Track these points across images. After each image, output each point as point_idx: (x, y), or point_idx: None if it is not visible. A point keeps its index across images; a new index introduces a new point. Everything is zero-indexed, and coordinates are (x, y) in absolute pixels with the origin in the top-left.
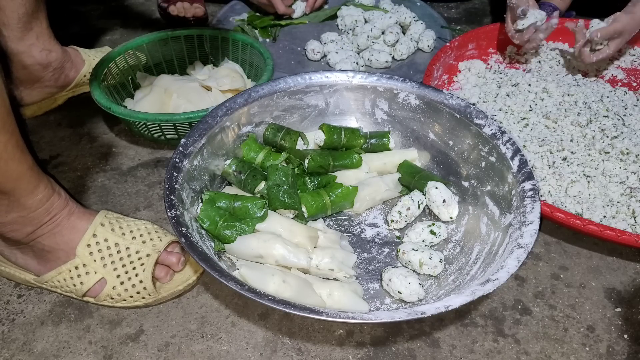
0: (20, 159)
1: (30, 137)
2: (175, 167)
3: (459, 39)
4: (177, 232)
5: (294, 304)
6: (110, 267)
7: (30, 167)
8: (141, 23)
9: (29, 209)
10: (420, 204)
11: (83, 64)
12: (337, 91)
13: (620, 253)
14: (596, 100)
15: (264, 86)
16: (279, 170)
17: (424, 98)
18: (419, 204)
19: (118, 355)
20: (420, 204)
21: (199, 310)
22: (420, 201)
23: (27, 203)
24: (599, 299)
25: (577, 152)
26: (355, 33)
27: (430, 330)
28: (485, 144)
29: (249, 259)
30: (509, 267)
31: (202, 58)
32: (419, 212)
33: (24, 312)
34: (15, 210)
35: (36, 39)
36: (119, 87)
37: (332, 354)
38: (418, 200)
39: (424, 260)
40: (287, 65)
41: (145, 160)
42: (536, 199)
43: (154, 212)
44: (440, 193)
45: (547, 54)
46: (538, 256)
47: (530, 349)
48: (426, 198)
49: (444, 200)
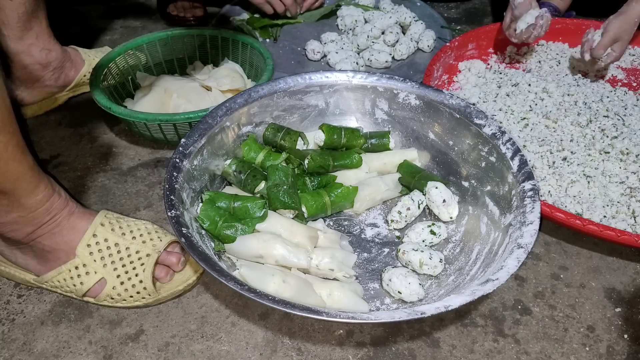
0: (20, 159)
1: (31, 136)
2: (175, 167)
3: (459, 39)
4: (177, 232)
5: (294, 304)
6: (110, 267)
7: (30, 168)
8: (141, 23)
9: (29, 209)
10: (420, 204)
11: (83, 63)
12: (337, 91)
13: (620, 253)
14: (596, 100)
15: (264, 86)
16: (279, 170)
17: (424, 98)
18: (419, 204)
19: (118, 355)
20: (420, 204)
21: (199, 310)
22: (420, 201)
23: (27, 203)
24: (599, 299)
25: (577, 152)
26: (355, 33)
27: (430, 330)
28: (485, 144)
29: (249, 259)
30: (509, 267)
31: (202, 58)
32: (419, 212)
33: (24, 312)
34: (15, 210)
35: (36, 38)
36: (119, 87)
37: (332, 354)
38: (418, 200)
39: (424, 260)
40: (287, 65)
41: (145, 160)
42: (536, 199)
43: (154, 212)
44: (440, 193)
45: (547, 54)
46: (538, 256)
47: (530, 349)
48: (426, 198)
49: (444, 200)
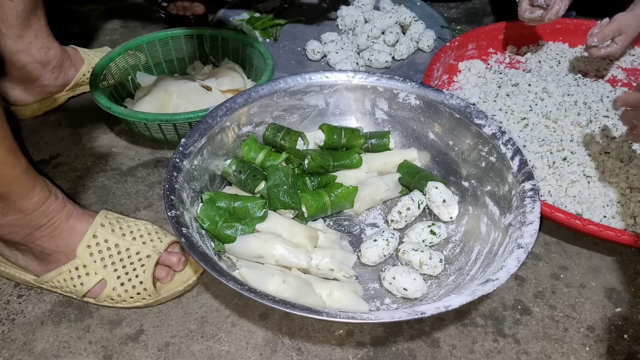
0: (13, 162)
1: (31, 137)
2: (175, 167)
3: (459, 39)
4: (177, 232)
5: (294, 304)
6: (110, 268)
7: (24, 171)
8: (141, 23)
9: (25, 212)
10: (420, 204)
11: (82, 62)
12: (337, 91)
13: (620, 253)
14: (596, 100)
15: (264, 86)
16: (279, 170)
17: (424, 98)
18: (419, 204)
19: (118, 355)
20: (420, 204)
21: (199, 310)
22: (420, 201)
23: (23, 206)
24: (599, 299)
25: (577, 152)
26: (355, 33)
27: (430, 330)
28: (485, 144)
29: (249, 259)
30: (509, 267)
31: (202, 58)
32: (419, 212)
33: (24, 312)
34: (11, 213)
35: (35, 36)
36: (119, 87)
37: (332, 354)
38: (418, 200)
39: (424, 260)
40: (287, 65)
41: (145, 160)
42: (536, 199)
43: (154, 212)
44: (440, 193)
45: (547, 54)
46: (538, 256)
47: (530, 349)
48: (426, 198)
49: (444, 200)
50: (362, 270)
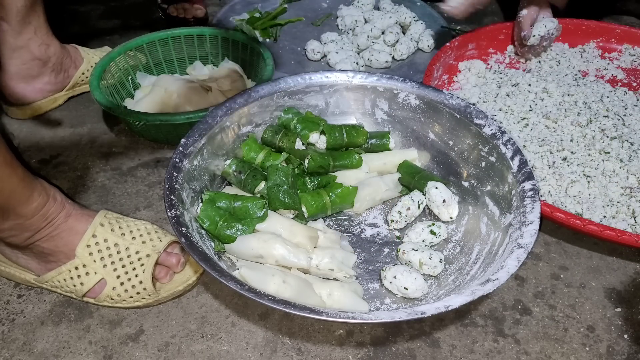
0: (10, 174)
1: (30, 137)
2: (175, 167)
3: (459, 39)
4: (177, 232)
5: (294, 304)
6: (110, 268)
7: (21, 180)
8: (141, 23)
9: (25, 217)
10: (420, 204)
11: (82, 61)
12: (337, 91)
13: (620, 253)
14: (596, 100)
15: (264, 86)
16: (279, 170)
17: (424, 98)
18: (419, 204)
19: (118, 355)
20: (420, 204)
21: (199, 310)
22: (420, 201)
23: (22, 212)
24: (599, 299)
25: (577, 152)
26: (355, 33)
27: (430, 330)
28: (485, 144)
29: (249, 259)
30: (509, 267)
31: (202, 58)
32: (419, 212)
33: (24, 312)
34: (12, 219)
35: (34, 33)
36: (119, 87)
37: (332, 354)
38: (418, 200)
39: (424, 260)
40: (287, 65)
41: (145, 160)
42: (536, 199)
43: (154, 212)
44: (440, 193)
45: (547, 54)
46: (538, 256)
47: (530, 349)
48: (426, 198)
49: (444, 200)
50: (362, 270)
